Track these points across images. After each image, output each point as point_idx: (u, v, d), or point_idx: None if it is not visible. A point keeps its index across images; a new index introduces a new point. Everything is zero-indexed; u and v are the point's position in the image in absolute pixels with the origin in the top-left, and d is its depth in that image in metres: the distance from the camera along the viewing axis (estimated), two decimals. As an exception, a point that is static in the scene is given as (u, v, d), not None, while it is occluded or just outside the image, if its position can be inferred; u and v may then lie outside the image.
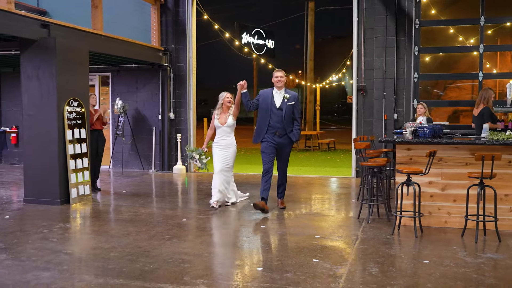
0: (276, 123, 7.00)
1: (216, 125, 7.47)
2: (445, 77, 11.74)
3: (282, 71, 7.14)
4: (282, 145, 7.07)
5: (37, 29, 7.67)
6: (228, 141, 7.42)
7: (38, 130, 7.76)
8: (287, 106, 7.04)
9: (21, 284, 4.20)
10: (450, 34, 11.39)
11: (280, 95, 7.08)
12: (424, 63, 11.72)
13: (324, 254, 5.09)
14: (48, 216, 6.95)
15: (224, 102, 7.48)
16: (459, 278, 4.35)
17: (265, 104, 7.06)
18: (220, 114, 7.47)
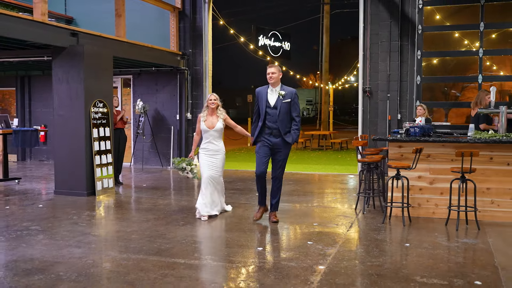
0: (271, 123, 6.34)
1: (202, 129, 6.79)
2: (447, 80, 12.29)
3: (275, 66, 6.44)
4: (278, 146, 6.36)
5: (67, 37, 8.50)
6: (216, 147, 6.79)
7: (68, 128, 8.60)
8: (283, 104, 6.33)
9: (58, 258, 4.99)
10: (453, 38, 11.95)
11: (275, 92, 6.38)
12: (433, 65, 12.28)
13: (319, 238, 5.79)
14: (76, 205, 7.77)
15: (208, 103, 6.83)
16: (432, 257, 5.00)
17: (261, 103, 6.42)
18: (206, 117, 6.79)
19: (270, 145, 6.38)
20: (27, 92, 14.16)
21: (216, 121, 6.79)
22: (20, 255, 5.06)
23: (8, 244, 5.48)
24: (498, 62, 13.86)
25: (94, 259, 4.96)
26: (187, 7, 12.48)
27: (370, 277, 4.42)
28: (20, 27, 7.67)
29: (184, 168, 6.97)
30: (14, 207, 7.62)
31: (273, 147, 6.39)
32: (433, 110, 11.79)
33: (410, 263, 4.92)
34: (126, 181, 10.38)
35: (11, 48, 9.26)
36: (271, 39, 27.87)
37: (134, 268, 4.64)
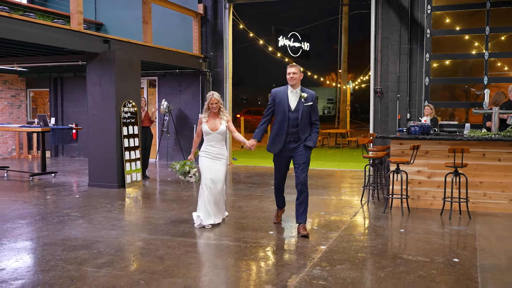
0: (291, 128, 5.92)
1: (205, 131, 6.31)
2: (454, 81, 12.83)
3: (296, 66, 6.00)
4: (298, 151, 5.97)
5: (100, 44, 9.37)
6: (219, 150, 6.33)
7: (100, 127, 9.47)
8: (304, 108, 5.91)
9: (97, 237, 5.83)
10: (460, 41, 12.51)
11: (296, 94, 5.94)
12: (446, 66, 12.83)
13: (324, 224, 6.53)
14: (108, 196, 8.64)
15: (210, 106, 6.33)
16: (421, 240, 5.71)
17: (281, 106, 5.96)
18: (208, 118, 6.32)
19: (290, 151, 5.98)
20: (60, 93, 15.16)
21: (219, 123, 6.30)
22: (65, 236, 5.92)
23: (54, 227, 6.35)
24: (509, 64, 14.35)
25: (128, 239, 5.80)
26: (209, 12, 13.28)
27: (363, 255, 5.15)
28: (59, 36, 8.56)
29: (188, 172, 6.46)
30: (54, 197, 8.53)
31: (293, 153, 5.98)
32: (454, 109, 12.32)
33: (401, 244, 5.64)
34: (152, 176, 11.24)
35: (50, 54, 10.18)
36: (290, 40, 28.56)
37: (162, 246, 5.45)
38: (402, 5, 11.68)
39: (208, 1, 13.23)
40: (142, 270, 4.65)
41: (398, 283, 4.33)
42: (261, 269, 4.71)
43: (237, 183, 10.18)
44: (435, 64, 12.50)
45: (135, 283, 4.29)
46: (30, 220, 6.78)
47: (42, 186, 9.75)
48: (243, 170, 12.27)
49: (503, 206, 7.23)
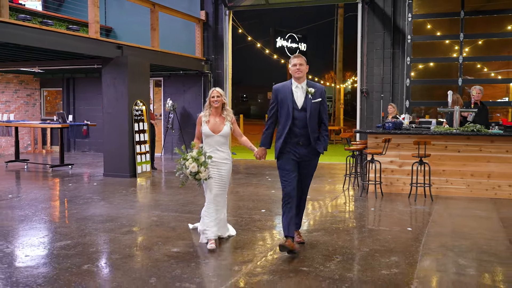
0: (299, 128, 5.12)
1: (205, 133, 5.40)
2: (431, 82, 14.01)
3: (301, 57, 5.16)
4: (307, 158, 5.22)
5: (114, 50, 10.58)
6: (222, 155, 5.45)
7: (114, 123, 10.69)
8: (313, 105, 5.12)
9: (119, 214, 7.06)
10: (440, 45, 13.73)
11: (302, 90, 5.13)
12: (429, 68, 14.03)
13: (309, 205, 7.76)
14: (123, 184, 9.86)
15: (210, 102, 5.44)
16: (386, 216, 6.94)
17: (285, 104, 5.15)
18: (209, 117, 5.43)
19: (298, 157, 5.19)
20: (72, 92, 16.38)
21: (222, 124, 5.41)
22: (92, 213, 7.15)
23: (81, 207, 7.58)
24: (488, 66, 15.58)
25: (144, 215, 7.03)
26: (210, 19, 14.49)
27: (336, 226, 6.38)
28: (79, 44, 9.76)
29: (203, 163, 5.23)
30: (75, 185, 9.76)
31: (301, 159, 5.21)
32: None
33: (369, 219, 6.87)
34: (159, 168, 12.48)
35: (69, 59, 11.40)
36: (288, 41, 29.77)
37: (173, 220, 6.68)
38: (385, 13, 12.88)
39: (210, 8, 14.45)
40: (159, 235, 5.88)
41: (359, 244, 5.56)
42: (255, 234, 5.94)
43: (235, 173, 11.40)
44: (420, 66, 13.73)
45: (154, 243, 5.51)
46: (59, 201, 8.02)
47: (62, 176, 10.98)
48: (241, 163, 13.50)
49: (461, 191, 8.46)
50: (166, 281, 4.32)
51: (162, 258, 4.98)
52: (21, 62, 12.14)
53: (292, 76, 5.22)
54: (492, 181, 8.35)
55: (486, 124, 8.61)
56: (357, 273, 4.57)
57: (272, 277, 4.45)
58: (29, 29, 8.74)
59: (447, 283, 4.36)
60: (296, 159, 5.21)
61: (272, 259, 5.01)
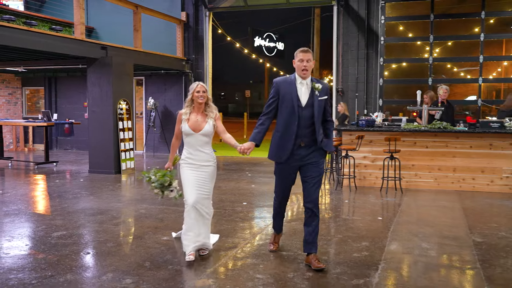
0: (302, 128, 4.66)
1: (185, 132, 4.90)
2: (403, 82, 14.67)
3: (309, 51, 4.67)
4: (309, 159, 4.71)
5: (99, 50, 10.92)
6: (205, 155, 4.94)
7: (99, 122, 11.03)
8: (319, 102, 4.69)
9: (109, 207, 7.46)
10: (412, 47, 14.39)
11: (307, 86, 4.70)
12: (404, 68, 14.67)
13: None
14: (109, 180, 10.23)
15: (194, 97, 4.92)
16: (359, 207, 7.49)
17: (288, 100, 4.68)
18: (190, 115, 4.92)
19: (298, 160, 4.72)
20: (54, 91, 16.60)
21: (204, 121, 4.91)
22: (83, 207, 7.53)
23: (71, 201, 7.95)
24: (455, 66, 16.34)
25: (133, 208, 7.44)
26: (191, 20, 14.90)
27: (313, 216, 6.90)
28: (65, 45, 10.09)
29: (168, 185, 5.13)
30: (62, 181, 10.09)
31: (303, 161, 4.72)
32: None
33: (343, 210, 7.41)
34: (142, 165, 12.85)
35: (54, 59, 11.70)
36: (266, 40, 30.26)
37: (160, 212, 7.11)
38: (359, 15, 13.46)
39: (190, 10, 14.85)
40: (148, 226, 6.31)
41: (334, 231, 6.09)
42: (238, 224, 6.41)
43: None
44: (393, 66, 14.36)
45: (145, 233, 5.95)
46: (49, 197, 8.37)
47: (48, 173, 11.27)
48: (221, 160, 13.96)
49: (429, 184, 9.07)
50: (159, 265, 4.76)
51: (153, 245, 5.42)
52: (7, 62, 12.38)
53: (296, 71, 4.72)
54: (457, 174, 8.98)
55: (452, 121, 9.23)
56: (332, 256, 5.09)
57: (256, 260, 4.93)
58: (17, 31, 9.04)
59: (410, 262, 4.91)
60: (296, 164, 4.74)
61: (255, 245, 5.49)
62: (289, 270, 4.62)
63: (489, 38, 12.96)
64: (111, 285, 4.23)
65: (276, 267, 4.71)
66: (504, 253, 5.19)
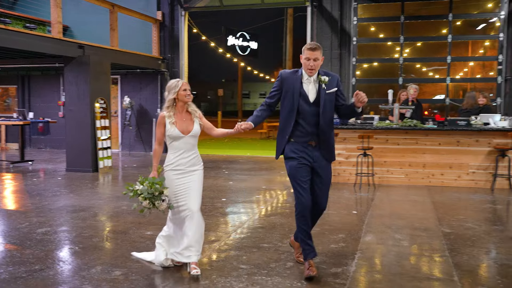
0: (309, 126, 4.37)
1: (172, 136, 4.48)
2: (375, 81, 15.12)
3: (318, 48, 4.36)
4: (321, 160, 4.44)
5: (76, 49, 10.97)
6: (193, 160, 4.60)
7: (77, 120, 11.07)
8: (327, 97, 4.37)
9: (90, 204, 7.57)
10: (383, 47, 14.83)
11: (315, 82, 4.39)
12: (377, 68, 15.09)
13: (264, 194, 8.51)
14: (87, 178, 10.30)
15: (180, 96, 4.47)
16: (334, 202, 7.79)
17: (290, 95, 4.40)
18: (175, 116, 4.50)
19: (310, 161, 4.42)
20: (27, 89, 16.47)
21: (191, 122, 4.55)
22: (64, 204, 7.62)
23: (51, 199, 8.02)
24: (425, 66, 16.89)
25: (114, 205, 7.58)
26: (167, 19, 15.00)
27: (289, 211, 7.16)
28: (42, 44, 10.11)
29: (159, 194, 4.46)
30: (40, 180, 10.11)
31: (315, 162, 4.43)
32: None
33: (319, 205, 7.69)
34: (119, 163, 12.92)
35: (30, 57, 11.67)
36: (239, 39, 30.46)
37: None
38: (333, 16, 13.80)
39: (166, 9, 14.96)
40: (131, 222, 6.47)
41: (311, 225, 6.36)
42: (218, 219, 6.63)
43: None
44: (365, 66, 14.77)
45: (128, 228, 6.11)
46: (28, 195, 8.42)
47: (24, 171, 11.26)
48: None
49: (401, 179, 9.45)
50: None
51: (138, 240, 5.60)
52: (-19, 60, 12.29)
53: (303, 68, 4.41)
54: (427, 170, 9.38)
55: (421, 119, 9.63)
56: (310, 247, 5.35)
57: (239, 252, 5.16)
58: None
59: (384, 252, 5.21)
60: (308, 163, 4.40)
61: (237, 238, 5.72)
62: (271, 261, 4.87)
63: (456, 40, 13.48)
64: (101, 277, 4.40)
65: (259, 258, 4.95)
66: (471, 242, 5.55)
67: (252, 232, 6.00)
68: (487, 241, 5.65)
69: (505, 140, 8.91)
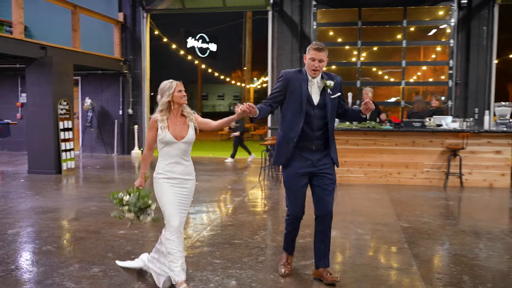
0: (313, 130, 4.21)
1: (165, 141, 4.18)
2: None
3: (323, 50, 4.18)
4: (324, 166, 4.28)
5: (38, 50, 10.89)
6: (186, 168, 4.28)
7: (39, 121, 10.99)
8: (332, 101, 4.24)
9: (58, 206, 7.60)
10: (343, 51, 15.34)
11: (318, 84, 4.23)
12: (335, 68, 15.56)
13: (231, 193, 8.75)
14: (51, 180, 10.25)
15: (176, 98, 4.17)
16: (298, 200, 8.10)
17: (296, 97, 4.20)
18: (169, 121, 4.19)
19: (311, 166, 4.25)
20: (-17, 90, 16.10)
21: (185, 127, 4.23)
22: (31, 205, 7.62)
23: (17, 201, 8.00)
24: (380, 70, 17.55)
25: (83, 206, 7.64)
26: (128, 20, 15.02)
27: (256, 209, 7.43)
28: (1, 44, 10.01)
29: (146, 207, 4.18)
30: (2, 182, 9.99)
31: (316, 169, 4.26)
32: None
33: (284, 203, 7.96)
34: (77, 165, 12.85)
35: (-11, 58, 11.50)
36: (199, 41, 30.53)
37: (112, 209, 7.22)
38: (293, 20, 14.19)
39: (128, 11, 14.98)
40: (103, 222, 6.57)
41: (278, 222, 6.65)
42: (188, 217, 6.82)
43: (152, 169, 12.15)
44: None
45: (101, 228, 6.22)
46: (-7, 197, 8.36)
47: (-16, 174, 11.09)
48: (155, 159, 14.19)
49: (360, 179, 9.89)
50: (122, 255, 5.10)
51: (112, 239, 5.73)
52: None
53: (306, 68, 4.24)
54: (384, 169, 9.85)
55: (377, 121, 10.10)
56: (279, 242, 5.63)
57: (211, 248, 5.39)
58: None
59: (348, 245, 5.55)
60: (308, 169, 4.24)
61: (208, 235, 5.93)
62: (244, 256, 5.12)
63: (410, 45, 14.12)
64: (80, 274, 4.53)
65: (231, 253, 5.19)
66: (427, 235, 5.97)
67: (222, 229, 6.23)
68: (442, 234, 6.09)
69: (457, 140, 9.48)
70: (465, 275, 4.58)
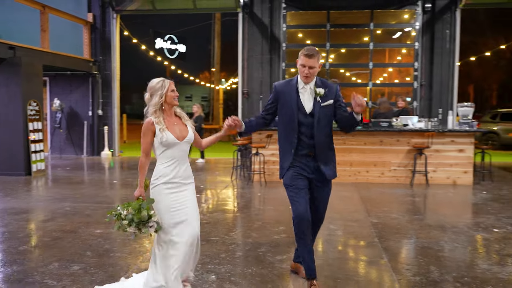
0: (307, 138, 4.17)
1: (167, 143, 3.84)
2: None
3: (315, 55, 4.07)
4: (321, 173, 4.22)
5: (6, 50, 10.75)
6: (188, 170, 4.06)
7: (8, 122, 10.85)
8: (322, 110, 4.15)
9: (31, 207, 7.57)
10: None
11: (311, 91, 4.17)
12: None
13: (205, 193, 8.86)
14: (20, 181, 10.14)
15: (169, 98, 3.88)
16: (272, 199, 8.30)
17: (288, 108, 4.20)
18: (165, 122, 3.88)
19: (309, 172, 4.23)
20: None
21: (184, 127, 3.99)
22: (3, 207, 7.57)
23: (-12, 202, 7.93)
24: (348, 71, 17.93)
25: (57, 206, 7.63)
26: (98, 21, 14.94)
27: (230, 208, 7.58)
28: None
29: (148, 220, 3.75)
30: (-30, 184, 9.84)
31: (314, 175, 4.24)
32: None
33: (257, 201, 8.17)
34: (50, 166, 12.73)
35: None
36: (167, 42, 30.42)
37: (86, 209, 7.38)
38: (263, 23, 14.38)
39: (97, 11, 14.90)
40: (78, 222, 6.60)
41: (253, 219, 6.81)
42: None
43: (124, 170, 12.13)
44: (292, 70, 15.45)
45: (77, 227, 6.25)
46: (-37, 199, 8.25)
47: (-50, 176, 10.87)
48: (126, 160, 14.19)
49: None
50: (101, 253, 5.17)
51: (89, 238, 5.78)
52: None
53: (299, 74, 4.18)
54: (353, 168, 10.14)
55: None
56: (254, 238, 5.80)
57: (189, 245, 5.50)
58: None
59: (321, 240, 5.76)
60: (306, 174, 4.21)
61: (185, 233, 6.05)
62: (221, 252, 5.26)
63: (377, 47, 14.51)
64: (60, 272, 4.59)
65: (209, 249, 5.32)
66: (396, 230, 6.24)
67: (199, 227, 6.35)
68: (410, 229, 6.36)
69: (422, 139, 9.85)
70: (432, 266, 4.84)
